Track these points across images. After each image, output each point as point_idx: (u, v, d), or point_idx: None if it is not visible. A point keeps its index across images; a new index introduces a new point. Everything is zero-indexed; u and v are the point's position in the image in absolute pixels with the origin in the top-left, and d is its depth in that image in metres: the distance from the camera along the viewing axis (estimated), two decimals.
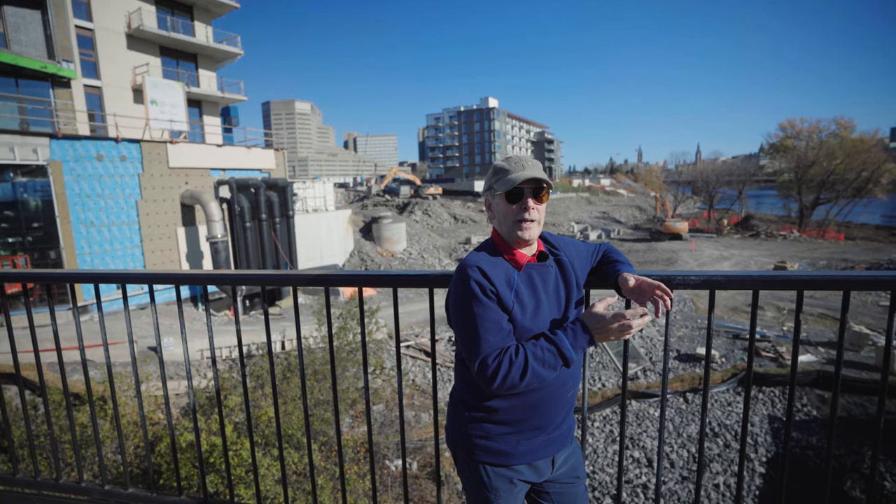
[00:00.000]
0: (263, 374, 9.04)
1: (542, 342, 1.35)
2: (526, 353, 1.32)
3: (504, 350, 1.33)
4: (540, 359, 1.32)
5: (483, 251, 1.44)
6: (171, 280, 2.07)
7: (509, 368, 1.30)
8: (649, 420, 13.27)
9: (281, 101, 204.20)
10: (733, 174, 58.93)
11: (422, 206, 46.74)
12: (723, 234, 46.41)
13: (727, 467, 11.42)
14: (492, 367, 1.31)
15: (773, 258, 32.32)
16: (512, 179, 1.39)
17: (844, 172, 46.11)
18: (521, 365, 1.30)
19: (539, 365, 1.31)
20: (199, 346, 14.77)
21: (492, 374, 1.31)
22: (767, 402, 13.70)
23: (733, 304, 20.97)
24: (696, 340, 17.61)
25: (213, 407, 8.17)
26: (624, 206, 66.91)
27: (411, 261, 31.05)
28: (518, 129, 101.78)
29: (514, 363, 1.31)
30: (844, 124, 52.20)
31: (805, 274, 1.57)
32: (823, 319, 19.05)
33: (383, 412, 11.76)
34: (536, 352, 1.33)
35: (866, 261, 30.40)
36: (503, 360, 1.31)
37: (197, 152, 20.01)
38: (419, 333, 17.85)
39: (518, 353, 1.32)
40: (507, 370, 1.30)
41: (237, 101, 25.02)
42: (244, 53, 24.47)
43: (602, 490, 10.93)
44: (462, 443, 1.53)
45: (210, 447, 6.15)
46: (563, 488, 1.61)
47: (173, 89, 20.43)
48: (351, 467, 8.02)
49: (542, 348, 1.33)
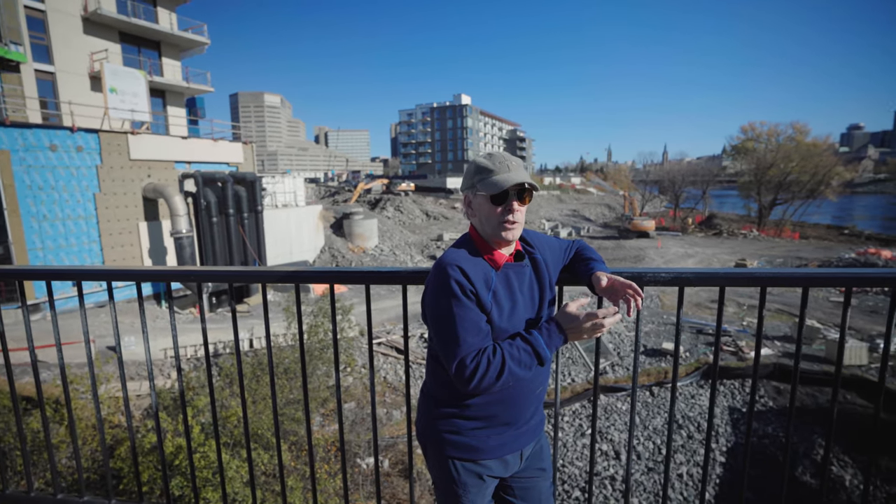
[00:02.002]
0: (233, 373, 8.81)
1: (518, 342, 1.35)
2: (503, 354, 1.32)
3: (482, 351, 1.32)
4: (516, 359, 1.32)
5: (462, 249, 1.42)
6: (132, 277, 1.98)
7: (487, 369, 1.30)
8: (617, 414, 13.62)
9: (249, 94, 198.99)
10: (698, 174, 60.93)
11: (394, 202, 46.45)
12: (688, 232, 47.99)
13: (690, 458, 11.84)
14: (470, 367, 1.30)
15: (734, 256, 33.63)
16: (499, 182, 1.36)
17: (799, 175, 48.40)
18: (499, 365, 1.31)
19: (515, 365, 1.32)
20: (163, 345, 14.28)
21: (469, 374, 1.30)
22: (728, 395, 14.26)
23: (697, 300, 21.72)
24: (662, 336, 18.16)
25: (179, 408, 7.92)
26: (594, 205, 68.29)
27: (383, 257, 30.83)
28: (490, 127, 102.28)
29: (491, 363, 1.30)
30: (800, 129, 54.78)
31: (768, 272, 1.63)
32: (780, 314, 19.95)
33: (354, 410, 11.67)
34: (513, 352, 1.33)
35: (818, 258, 32.01)
36: (481, 360, 1.31)
37: (160, 144, 19.26)
38: (391, 330, 17.76)
39: (495, 353, 1.32)
40: (484, 371, 1.30)
41: (203, 92, 24.20)
42: (211, 43, 23.70)
43: (571, 483, 11.16)
44: (432, 438, 1.53)
45: (175, 449, 5.95)
46: (528, 483, 1.62)
47: (135, 77, 19.58)
48: (322, 466, 7.92)
49: (518, 348, 1.34)
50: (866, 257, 29.52)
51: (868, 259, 29.08)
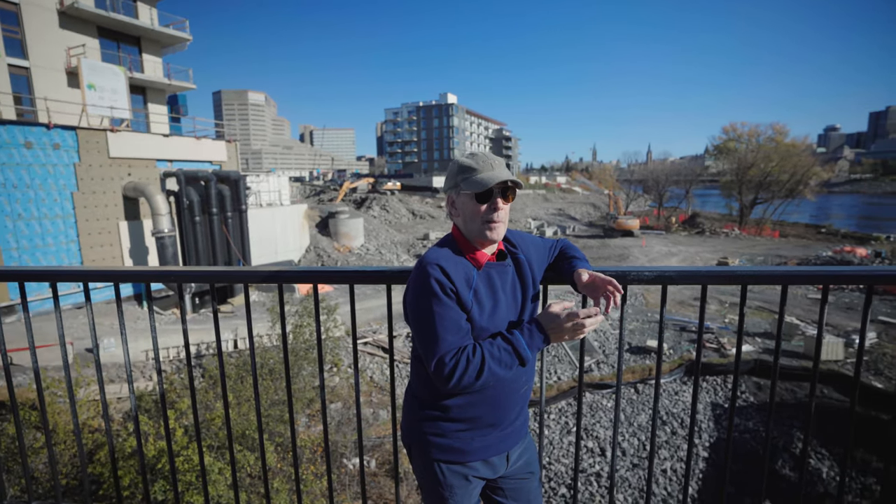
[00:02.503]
0: (217, 375, 8.69)
1: (499, 341, 1.35)
2: (483, 353, 1.32)
3: (461, 349, 1.32)
4: (496, 358, 1.32)
5: (444, 248, 1.42)
6: (110, 277, 1.93)
7: (466, 367, 1.30)
8: (602, 411, 13.76)
9: (233, 91, 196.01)
10: (681, 174, 61.83)
11: (380, 201, 46.27)
12: (671, 231, 48.66)
13: (674, 453, 12.02)
14: (448, 365, 1.30)
15: (716, 254, 34.21)
16: (483, 181, 1.37)
17: (779, 174, 49.43)
18: (478, 364, 1.30)
19: (495, 364, 1.32)
20: (145, 347, 14.02)
21: (448, 372, 1.30)
22: (710, 391, 14.50)
23: (680, 297, 22.04)
24: (646, 333, 18.39)
25: (161, 410, 7.78)
26: (579, 204, 68.85)
27: (369, 256, 30.69)
28: (476, 126, 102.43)
29: (470, 362, 1.30)
30: (779, 129, 55.96)
31: (749, 270, 1.65)
32: (760, 311, 20.36)
33: (341, 410, 11.59)
34: (493, 351, 1.33)
35: (797, 256, 32.74)
36: (460, 359, 1.30)
37: (141, 142, 18.88)
38: (377, 330, 17.69)
39: (475, 352, 1.32)
40: (463, 369, 1.30)
41: (185, 89, 23.78)
42: (193, 39, 23.30)
43: (557, 480, 11.25)
44: (417, 440, 1.53)
45: (158, 453, 5.85)
46: (518, 484, 1.63)
47: (114, 74, 19.15)
48: (308, 468, 7.85)
49: (498, 347, 1.34)
50: (842, 255, 30.28)
51: (844, 257, 29.83)
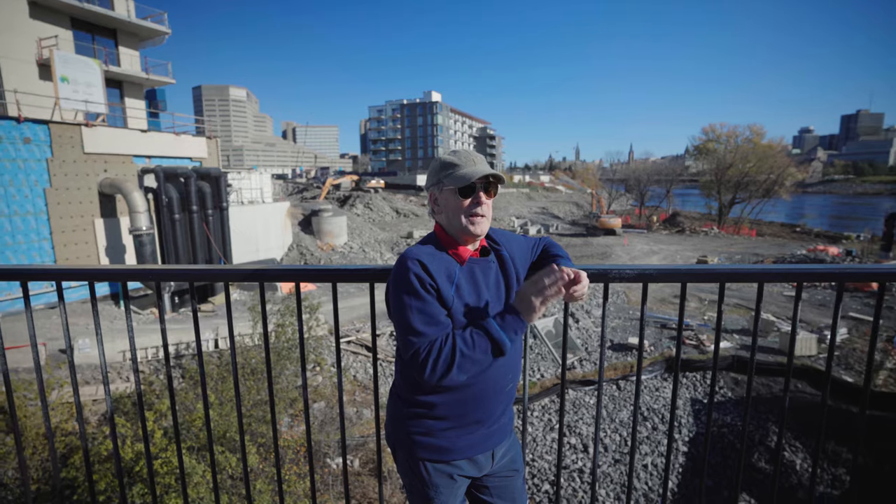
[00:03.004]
0: (197, 375, 8.54)
1: (471, 328, 1.35)
2: (453, 339, 1.32)
3: (434, 340, 1.33)
4: (468, 343, 1.31)
5: (426, 245, 1.43)
6: (85, 276, 1.87)
7: (438, 356, 1.29)
8: (585, 408, 13.92)
9: (214, 87, 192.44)
10: (662, 174, 62.87)
11: (363, 199, 45.94)
12: (652, 230, 49.41)
13: (654, 448, 12.23)
14: (422, 356, 1.31)
15: (696, 252, 34.87)
16: (467, 175, 1.39)
17: (756, 175, 50.68)
18: (449, 351, 1.30)
19: (468, 349, 1.30)
20: (122, 347, 13.68)
21: (422, 363, 1.30)
22: (690, 386, 14.79)
23: (661, 295, 22.42)
24: (628, 331, 18.66)
25: (139, 412, 7.61)
26: (562, 202, 69.43)
27: (352, 255, 30.49)
28: (461, 124, 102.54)
29: (442, 350, 1.30)
30: (756, 131, 57.26)
31: (726, 268, 1.69)
32: (738, 309, 20.83)
33: (324, 410, 11.50)
34: (465, 336, 1.33)
35: (773, 255, 33.57)
36: (432, 348, 1.31)
37: (118, 137, 18.40)
38: (360, 328, 17.59)
39: (447, 340, 1.32)
40: (435, 358, 1.29)
41: (164, 83, 23.25)
42: (172, 33, 22.78)
43: (541, 477, 11.34)
44: (402, 440, 1.52)
45: (135, 455, 5.72)
46: (503, 482, 1.63)
47: (89, 66, 18.61)
48: (291, 468, 7.78)
49: (470, 333, 1.34)
50: (816, 254, 31.17)
51: (817, 255, 30.71)
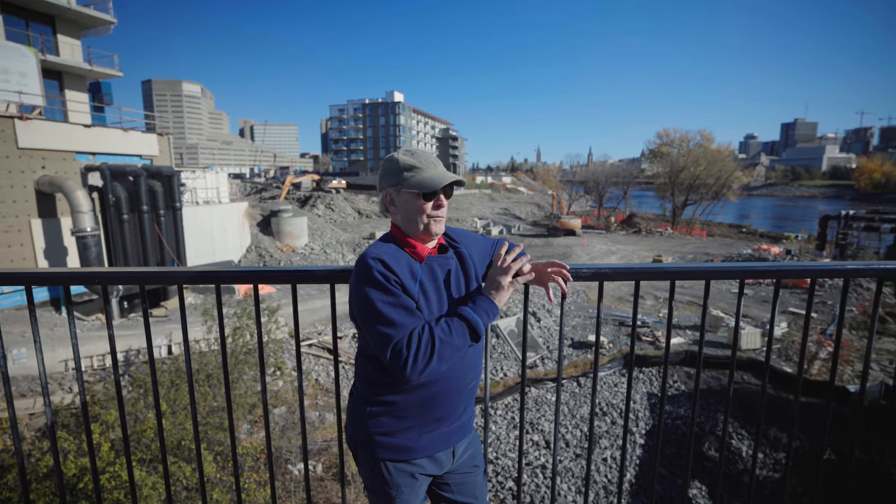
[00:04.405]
0: (149, 383, 8.13)
1: (445, 318, 1.38)
2: (431, 329, 1.33)
3: (412, 331, 1.32)
4: (446, 330, 1.33)
5: (384, 244, 1.44)
6: (20, 280, 1.75)
7: (418, 346, 1.30)
8: (547, 405, 14.20)
9: (165, 81, 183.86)
10: (619, 176, 65.11)
11: (324, 199, 45.20)
12: (611, 230, 51.04)
13: (613, 442, 12.63)
14: (404, 351, 1.30)
15: (652, 252, 36.28)
16: (433, 180, 1.41)
17: (706, 178, 53.35)
18: (429, 339, 1.31)
19: (446, 335, 1.32)
20: (64, 356, 12.90)
21: (405, 357, 1.29)
22: (646, 381, 15.36)
23: (619, 294, 23.18)
24: (588, 329, 19.19)
25: (83, 424, 7.18)
26: (524, 204, 70.60)
27: (313, 256, 29.91)
28: (423, 125, 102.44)
29: (422, 339, 1.31)
30: (706, 136, 60.43)
31: (675, 266, 1.78)
32: (690, 306, 21.83)
33: (285, 415, 11.22)
34: (441, 324, 1.34)
35: (722, 254, 35.38)
36: (412, 340, 1.31)
37: (58, 132, 17.27)
38: (322, 331, 17.28)
39: (424, 329, 1.33)
40: (416, 349, 1.29)
41: (110, 76, 22.00)
42: (118, 23, 21.61)
43: (504, 474, 11.49)
44: (362, 440, 1.51)
45: (79, 471, 5.39)
46: (463, 478, 1.65)
47: (22, 54, 17.36)
48: (251, 476, 7.54)
49: (446, 322, 1.35)
50: (760, 253, 33.09)
51: (761, 254, 32.60)
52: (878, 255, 28.11)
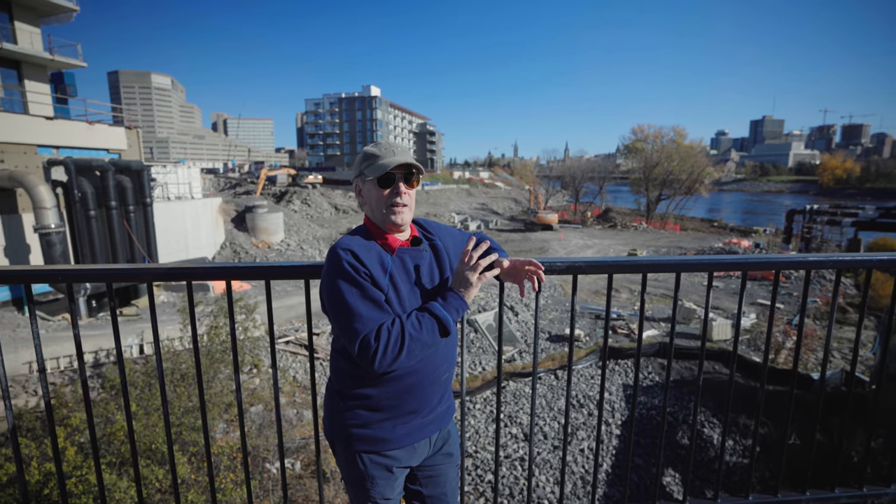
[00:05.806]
0: (119, 384, 7.90)
1: (415, 312, 1.38)
2: (401, 323, 1.34)
3: (382, 325, 1.33)
4: (416, 325, 1.34)
5: (355, 236, 1.44)
6: None
7: (388, 340, 1.30)
8: (525, 398, 14.38)
9: (133, 72, 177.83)
10: (595, 171, 66.04)
11: (300, 195, 44.47)
12: (587, 225, 51.77)
13: (590, 433, 12.87)
14: (373, 344, 1.30)
15: (627, 246, 36.97)
16: (383, 165, 1.40)
17: (679, 173, 54.62)
18: (398, 333, 1.31)
19: (416, 331, 1.33)
20: (27, 358, 12.40)
21: (374, 350, 1.30)
22: (622, 373, 15.69)
23: (595, 287, 23.57)
24: (565, 322, 19.46)
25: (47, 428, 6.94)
26: (501, 199, 70.98)
27: (290, 252, 29.50)
28: (400, 120, 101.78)
29: (391, 333, 1.31)
30: (679, 132, 61.76)
31: (647, 260, 1.83)
32: (665, 298, 22.34)
33: (262, 413, 11.07)
34: (412, 319, 1.35)
35: (694, 248, 36.32)
36: (381, 333, 1.31)
37: (16, 124, 16.53)
38: (299, 328, 17.08)
39: (394, 323, 1.34)
40: (385, 342, 1.30)
41: (74, 66, 21.13)
42: (80, 10, 20.74)
43: (484, 467, 11.59)
44: (338, 433, 1.52)
45: (44, 477, 5.22)
46: (435, 470, 1.66)
47: None
48: (227, 476, 7.42)
49: (416, 317, 1.36)
50: (730, 246, 34.10)
51: (731, 248, 33.61)
52: (840, 247, 29.24)
